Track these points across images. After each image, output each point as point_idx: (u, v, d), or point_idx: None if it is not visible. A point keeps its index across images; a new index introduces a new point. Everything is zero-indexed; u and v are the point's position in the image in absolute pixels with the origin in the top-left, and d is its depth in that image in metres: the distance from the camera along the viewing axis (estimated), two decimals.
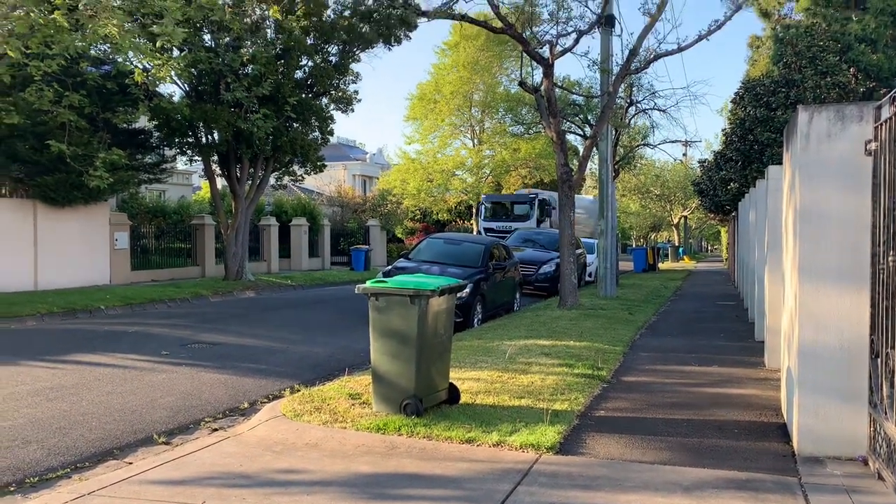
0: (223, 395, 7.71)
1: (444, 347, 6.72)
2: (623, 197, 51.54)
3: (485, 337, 10.85)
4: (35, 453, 5.60)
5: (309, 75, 21.89)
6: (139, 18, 13.05)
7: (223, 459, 5.42)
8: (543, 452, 5.52)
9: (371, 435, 5.89)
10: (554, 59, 14.92)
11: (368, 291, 6.40)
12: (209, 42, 19.58)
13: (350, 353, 10.38)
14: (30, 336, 11.64)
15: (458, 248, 14.93)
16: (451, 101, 37.53)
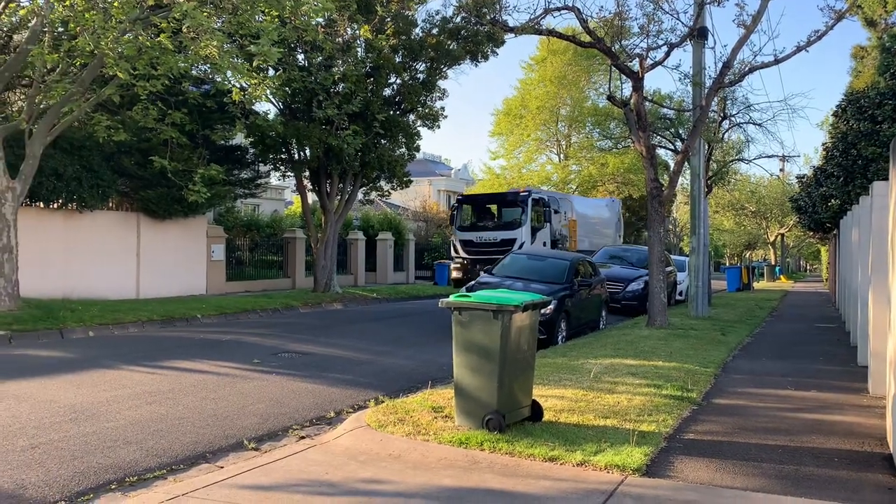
0: (310, 404, 7.89)
1: (527, 364, 6.67)
2: (716, 213, 49.96)
3: (569, 354, 10.70)
4: (134, 454, 5.87)
5: (397, 92, 22.29)
6: (237, 39, 13.65)
7: (310, 467, 5.54)
8: (629, 474, 5.38)
9: (453, 448, 5.89)
10: (644, 72, 14.66)
11: (452, 306, 6.42)
12: (302, 61, 20.24)
13: (433, 366, 10.44)
14: (131, 342, 12.25)
15: (543, 263, 14.81)
16: (537, 115, 37.42)
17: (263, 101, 18.82)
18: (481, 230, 23.64)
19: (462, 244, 23.47)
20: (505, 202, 24.81)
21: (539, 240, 23.23)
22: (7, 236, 13.17)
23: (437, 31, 21.96)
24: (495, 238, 22.87)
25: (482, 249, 22.59)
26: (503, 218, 24.45)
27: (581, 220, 26.56)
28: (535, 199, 23.77)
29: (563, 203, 25.88)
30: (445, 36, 21.89)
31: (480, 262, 21.33)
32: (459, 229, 24.00)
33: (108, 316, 14.04)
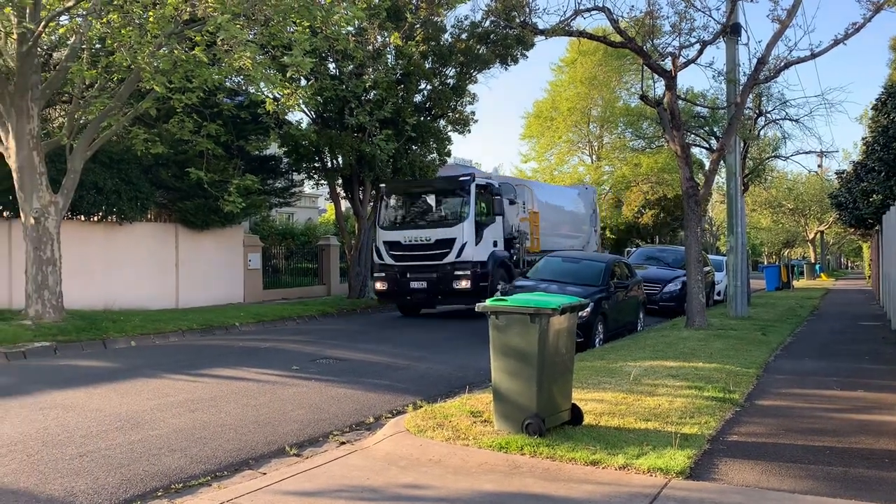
0: (349, 410, 7.93)
1: (565, 367, 6.63)
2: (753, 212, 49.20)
3: (607, 357, 10.61)
4: (179, 461, 5.96)
5: (427, 98, 22.37)
6: (269, 51, 13.83)
7: (351, 472, 5.57)
8: (673, 477, 5.31)
9: (493, 453, 5.87)
10: (676, 71, 14.51)
11: (488, 310, 6.42)
12: (333, 70, 20.42)
13: (470, 370, 10.43)
14: (173, 351, 12.45)
15: (578, 266, 14.72)
16: (568, 117, 37.25)
17: (296, 111, 19.03)
18: (410, 228, 18.26)
19: (387, 247, 18.24)
20: (441, 191, 18.88)
21: (487, 238, 18.00)
22: (51, 249, 13.48)
23: (466, 35, 22.00)
24: (428, 238, 17.73)
25: (412, 254, 17.76)
26: (440, 212, 18.67)
27: (545, 213, 21.38)
28: (481, 185, 18.41)
29: (520, 191, 20.58)
30: (475, 40, 21.91)
31: (412, 270, 17.68)
32: (384, 228, 18.65)
33: (150, 326, 14.29)
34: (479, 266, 17.45)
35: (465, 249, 17.34)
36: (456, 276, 17.17)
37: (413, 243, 17.85)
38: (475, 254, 17.41)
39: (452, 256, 17.29)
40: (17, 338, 11.97)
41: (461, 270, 17.17)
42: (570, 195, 25.15)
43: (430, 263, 17.46)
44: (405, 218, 18.86)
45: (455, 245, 17.39)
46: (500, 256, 18.21)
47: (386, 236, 18.43)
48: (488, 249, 17.91)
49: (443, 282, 17.26)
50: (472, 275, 17.11)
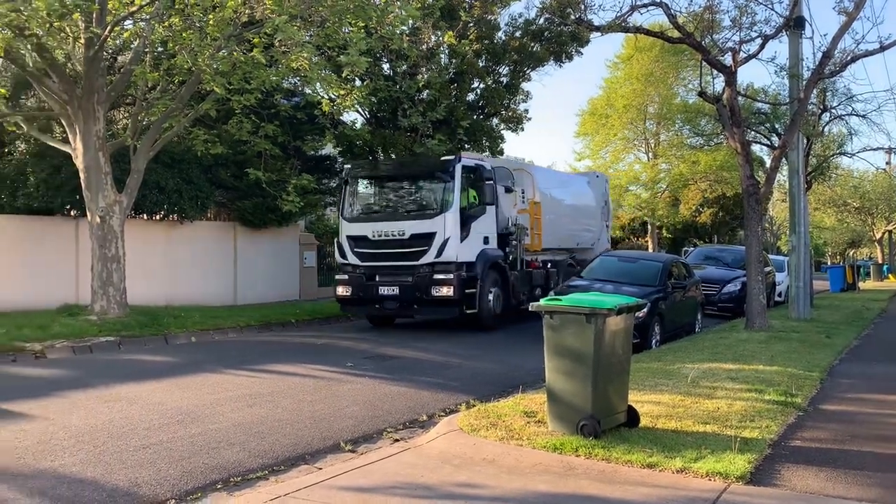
0: (403, 407, 7.98)
1: (621, 368, 6.54)
2: (816, 210, 47.66)
3: (664, 359, 10.42)
4: (238, 455, 6.09)
5: (480, 97, 22.33)
6: (325, 52, 14.01)
7: (405, 470, 5.60)
8: (732, 482, 5.18)
9: (547, 454, 5.83)
10: (737, 66, 14.16)
11: (542, 310, 6.37)
12: (387, 71, 20.57)
13: (522, 370, 10.37)
14: (231, 346, 12.72)
15: (634, 265, 14.49)
16: (623, 114, 36.70)
17: (351, 111, 19.24)
18: (380, 219, 14.91)
19: (351, 243, 14.94)
20: (419, 174, 15.51)
21: (476, 233, 14.72)
22: (115, 247, 13.92)
23: (520, 33, 21.88)
24: (401, 232, 14.35)
25: (382, 252, 14.50)
26: (417, 200, 15.24)
27: (549, 203, 17.81)
28: (469, 167, 14.89)
29: (518, 177, 17.12)
30: (528, 38, 21.78)
31: (381, 272, 14.53)
32: (348, 219, 15.32)
33: (209, 322, 14.63)
34: (465, 268, 14.24)
35: (447, 247, 13.98)
36: (435, 280, 13.90)
37: (383, 238, 14.50)
38: (460, 253, 14.16)
39: (431, 256, 14.04)
40: (84, 332, 12.39)
41: (442, 273, 13.89)
42: (579, 183, 21.41)
43: (403, 264, 14.28)
44: (374, 207, 15.51)
45: (435, 241, 14.02)
46: (491, 256, 14.98)
47: (350, 229, 15.07)
48: (477, 247, 14.67)
49: (419, 287, 14.04)
50: (456, 279, 13.92)
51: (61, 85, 13.38)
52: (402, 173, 15.90)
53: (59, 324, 12.77)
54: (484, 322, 14.67)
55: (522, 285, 16.14)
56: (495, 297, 15.06)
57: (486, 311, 14.65)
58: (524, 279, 16.35)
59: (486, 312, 14.66)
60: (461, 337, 14.19)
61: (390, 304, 14.54)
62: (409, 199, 15.31)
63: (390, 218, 14.83)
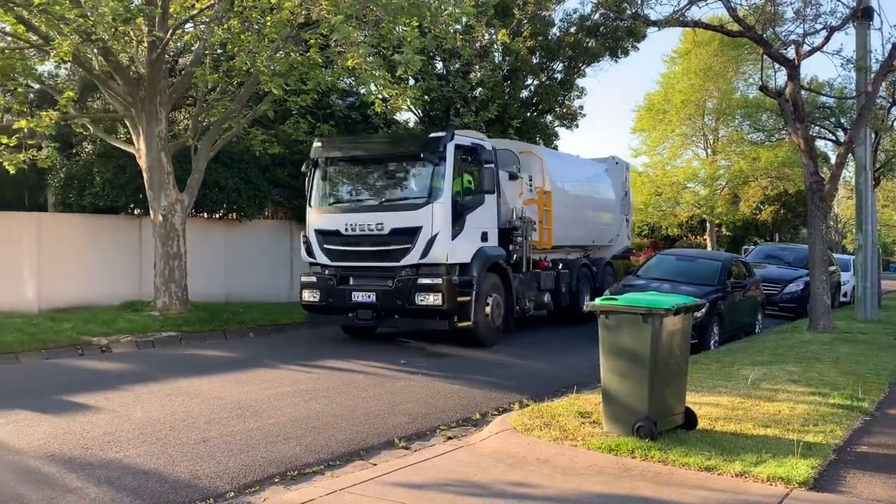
0: (455, 405, 8.00)
1: (679, 369, 6.42)
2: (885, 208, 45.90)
3: (723, 360, 10.19)
4: (294, 449, 6.19)
5: (534, 94, 22.20)
6: (380, 51, 14.12)
7: (458, 467, 5.61)
8: (794, 487, 5.04)
9: (602, 455, 5.76)
10: (800, 59, 13.73)
11: (598, 309, 6.30)
12: (440, 70, 20.61)
13: (576, 370, 10.27)
14: (288, 342, 12.94)
15: (692, 264, 14.20)
16: (681, 110, 35.96)
17: (404, 111, 19.35)
18: (355, 210, 12.49)
19: (320, 238, 12.50)
20: (402, 155, 12.69)
21: (472, 228, 12.21)
22: (177, 244, 14.31)
23: (574, 29, 21.68)
24: (380, 226, 11.89)
25: (356, 250, 12.12)
26: (399, 187, 12.67)
27: (561, 193, 15.46)
28: (464, 146, 12.32)
29: (525, 161, 14.75)
30: (583, 34, 21.57)
31: (356, 274, 12.18)
32: (317, 210, 12.85)
33: (267, 318, 14.91)
34: (458, 271, 11.79)
35: (435, 244, 11.48)
36: (420, 286, 11.42)
37: (358, 234, 12.01)
38: (452, 252, 11.65)
39: (415, 255, 11.55)
40: (147, 328, 12.78)
41: (428, 278, 11.46)
42: (596, 171, 18.45)
43: (381, 265, 11.83)
44: (348, 196, 12.93)
45: (420, 238, 11.52)
46: (490, 255, 12.43)
47: (319, 222, 12.58)
48: (473, 245, 12.17)
49: (400, 294, 11.52)
50: (446, 285, 11.37)
51: (125, 87, 13.81)
52: (383, 154, 12.86)
53: (123, 319, 13.20)
54: (480, 336, 12.04)
55: (528, 290, 13.74)
56: (495, 306, 12.32)
57: (482, 323, 11.98)
58: (530, 283, 13.91)
59: (482, 325, 12.00)
60: (517, 336, 14.11)
61: (365, 314, 11.85)
62: (390, 186, 12.63)
63: (367, 209, 12.29)
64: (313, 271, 12.68)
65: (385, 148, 13.32)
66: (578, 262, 16.26)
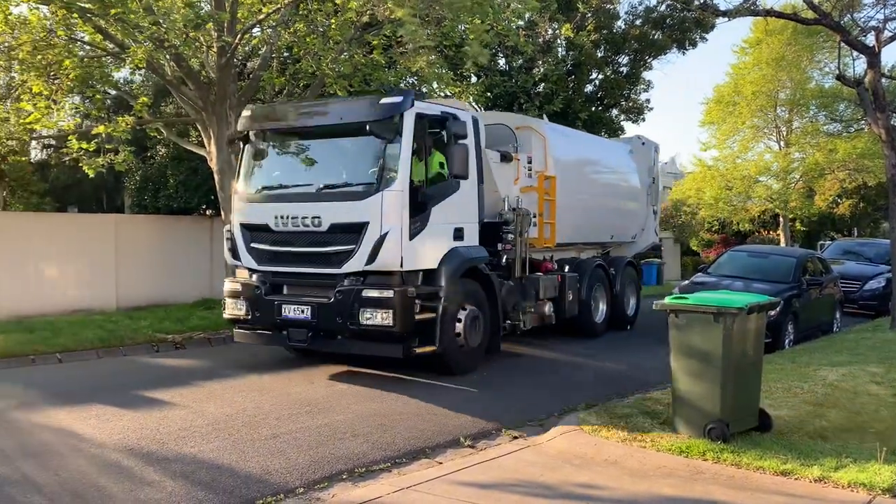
0: (521, 404, 7.95)
1: (752, 370, 6.23)
2: None
3: (799, 360, 9.83)
4: (362, 446, 6.26)
5: (599, 88, 21.92)
6: (442, 50, 14.16)
7: (524, 467, 5.57)
8: (878, 494, 4.83)
9: (672, 457, 5.64)
10: (880, 46, 13.12)
11: (668, 308, 6.17)
12: (503, 66, 20.53)
13: (643, 370, 10.07)
14: None
15: (765, 261, 13.74)
16: (752, 101, 34.85)
17: None
18: (286, 198, 9.72)
19: (245, 235, 9.84)
20: (345, 127, 9.49)
21: (441, 223, 9.39)
22: None
23: (640, 21, 21.32)
24: (316, 220, 9.17)
25: (288, 251, 9.46)
26: (342, 169, 9.76)
27: (569, 178, 12.48)
28: (427, 116, 9.38)
29: (523, 139, 12.01)
30: (649, 26, 21.18)
31: (289, 282, 9.49)
32: (244, 199, 10.13)
33: None
34: (420, 279, 9.07)
35: (384, 246, 8.68)
36: (365, 300, 8.65)
37: (290, 230, 9.32)
38: (409, 255, 8.85)
39: (360, 260, 8.78)
40: (219, 325, 13.09)
41: (376, 289, 8.68)
42: (616, 152, 15.54)
43: (319, 272, 9.15)
44: (280, 181, 10.06)
45: (365, 237, 8.76)
46: (466, 258, 9.61)
47: (245, 214, 9.92)
48: (442, 245, 9.35)
49: (341, 310, 8.75)
50: (399, 299, 8.54)
51: (196, 92, 14.22)
52: (325, 125, 9.70)
53: (196, 317, 13.60)
54: (449, 363, 9.26)
55: (523, 300, 10.94)
56: (470, 324, 9.43)
57: (452, 347, 9.17)
58: (526, 291, 11.09)
59: (452, 350, 9.19)
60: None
61: (298, 334, 9.18)
62: (332, 168, 9.74)
63: (302, 198, 9.41)
64: (237, 276, 10.05)
65: (328, 117, 9.78)
66: (591, 264, 13.26)
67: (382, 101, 9.10)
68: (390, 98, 9.13)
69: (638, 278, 15.24)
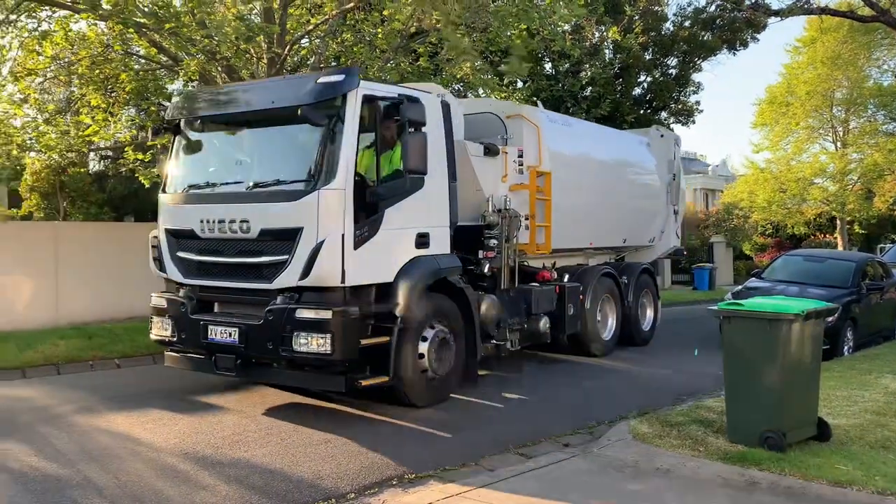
0: (570, 412, 7.88)
1: (810, 377, 6.06)
2: None
3: (859, 368, 9.54)
4: (412, 452, 6.28)
5: (647, 91, 21.67)
6: (488, 56, 14.18)
7: (576, 476, 5.52)
8: None
9: (727, 466, 5.53)
10: None
11: (721, 314, 6.06)
12: (549, 70, 20.44)
13: (695, 377, 9.88)
14: None
15: (822, 265, 13.36)
16: (806, 102, 33.99)
17: None
18: (213, 199, 8.02)
19: (171, 242, 8.30)
20: (280, 115, 7.69)
21: (398, 226, 7.78)
22: None
23: (689, 23, 21.02)
24: (245, 224, 7.55)
25: (215, 262, 7.90)
26: (278, 162, 7.97)
27: (569, 176, 10.89)
28: (378, 100, 7.53)
29: (515, 130, 10.42)
30: (699, 27, 20.86)
31: (220, 297, 8.02)
32: (170, 196, 8.51)
33: None
34: (372, 295, 7.55)
35: (321, 256, 7.15)
36: (298, 322, 7.15)
37: (217, 236, 7.78)
38: (355, 266, 7.29)
39: (294, 273, 7.28)
40: None
41: (311, 309, 7.17)
42: (629, 145, 13.63)
43: (249, 287, 7.68)
44: (207, 177, 8.29)
45: (299, 245, 7.27)
46: (432, 269, 8.05)
47: (170, 218, 8.37)
48: (400, 253, 7.83)
49: (272, 334, 7.26)
50: (338, 321, 7.06)
51: None
52: (258, 111, 7.95)
53: None
54: (408, 395, 7.75)
55: (511, 315, 9.53)
56: (436, 347, 7.88)
57: (411, 377, 7.66)
58: (514, 305, 9.66)
59: (411, 378, 7.66)
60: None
61: (226, 361, 7.61)
62: (264, 162, 8.12)
63: (229, 198, 7.85)
64: (165, 291, 8.45)
65: (259, 102, 8.00)
66: (597, 272, 11.53)
67: (321, 79, 7.45)
68: (330, 76, 7.48)
69: (656, 288, 13.63)
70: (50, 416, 7.55)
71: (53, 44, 12.31)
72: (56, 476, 5.66)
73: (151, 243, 8.56)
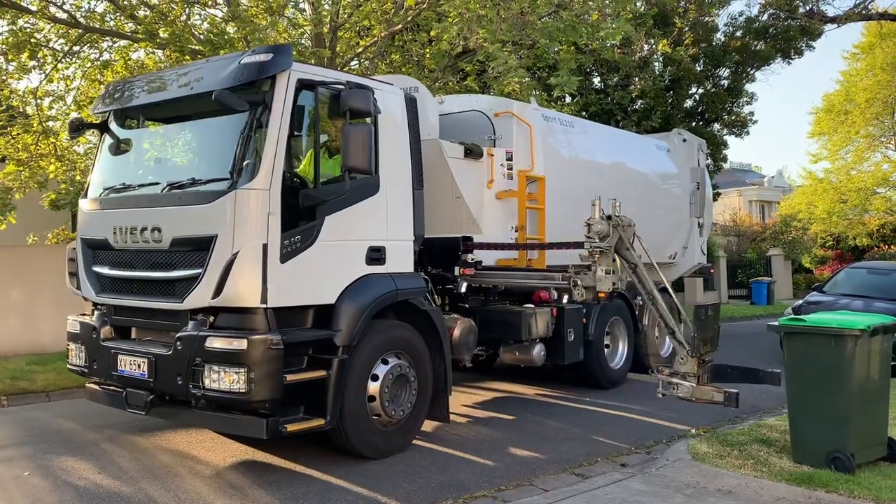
0: (625, 432, 7.73)
1: (879, 395, 5.84)
2: None
3: None
4: (466, 473, 6.24)
5: (699, 102, 21.35)
6: (536, 73, 14.18)
7: (633, 497, 5.40)
8: None
9: (792, 488, 5.34)
10: None
11: (783, 330, 5.88)
12: (598, 84, 20.32)
13: (755, 394, 9.52)
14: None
15: (888, 278, 12.89)
16: (866, 109, 33.03)
17: None
18: (126, 203, 6.69)
19: (87, 253, 6.97)
20: (197, 105, 6.37)
21: (343, 237, 6.41)
22: None
23: (740, 32, 20.69)
24: (156, 232, 6.19)
25: (129, 277, 6.51)
26: (195, 159, 6.73)
27: (564, 182, 9.69)
28: (318, 85, 6.26)
29: (504, 129, 9.24)
30: (751, 36, 20.52)
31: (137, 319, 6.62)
32: (88, 202, 7.12)
33: None
34: (308, 319, 6.32)
35: (236, 268, 5.81)
36: (209, 352, 5.77)
37: (130, 246, 6.52)
38: (283, 284, 5.98)
39: (206, 290, 5.92)
40: None
41: (223, 337, 5.81)
42: (642, 149, 12.46)
43: (160, 307, 6.34)
44: (125, 179, 7.06)
45: (212, 256, 5.89)
46: (386, 290, 6.75)
47: (86, 225, 7.15)
48: (346, 270, 6.52)
49: (180, 367, 5.91)
50: (258, 351, 5.66)
51: None
52: (176, 101, 6.63)
53: None
54: (355, 446, 6.44)
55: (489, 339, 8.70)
56: (390, 388, 6.62)
57: (356, 423, 6.35)
58: (500, 328, 8.69)
59: (357, 427, 6.37)
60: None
61: (137, 398, 6.29)
62: (182, 159, 6.97)
63: (143, 201, 6.64)
64: (83, 312, 7.26)
65: (178, 88, 6.64)
66: None
67: (244, 59, 6.11)
68: (256, 55, 6.13)
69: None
70: (110, 435, 7.74)
71: (114, 72, 12.74)
72: (119, 494, 5.78)
73: (69, 256, 7.32)
